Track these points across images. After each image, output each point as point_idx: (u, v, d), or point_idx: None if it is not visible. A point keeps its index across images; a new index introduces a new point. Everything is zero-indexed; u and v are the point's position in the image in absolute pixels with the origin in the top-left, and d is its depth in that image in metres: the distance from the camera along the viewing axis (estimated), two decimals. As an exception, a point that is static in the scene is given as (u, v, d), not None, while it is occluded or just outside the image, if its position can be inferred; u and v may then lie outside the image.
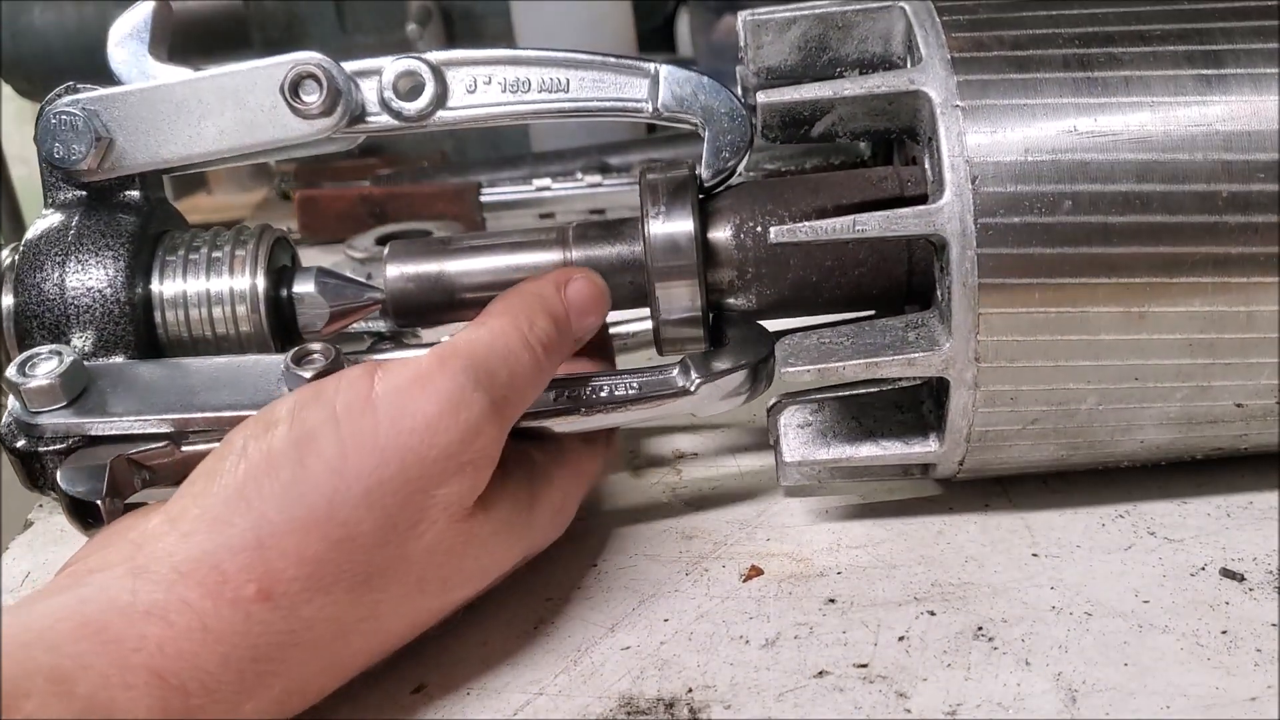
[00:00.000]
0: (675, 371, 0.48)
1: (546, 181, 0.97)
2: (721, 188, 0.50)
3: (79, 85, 0.48)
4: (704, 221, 0.48)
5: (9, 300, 0.48)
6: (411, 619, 0.41)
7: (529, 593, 0.47)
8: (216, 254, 0.49)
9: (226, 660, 0.35)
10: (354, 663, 0.40)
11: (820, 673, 0.40)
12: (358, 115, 0.49)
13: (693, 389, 0.47)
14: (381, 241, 0.94)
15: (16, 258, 0.48)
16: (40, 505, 0.61)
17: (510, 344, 0.43)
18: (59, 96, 0.48)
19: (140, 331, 0.48)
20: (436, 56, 0.48)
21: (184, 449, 0.45)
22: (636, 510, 0.53)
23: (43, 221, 0.49)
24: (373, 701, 0.41)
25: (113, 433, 0.44)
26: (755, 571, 0.47)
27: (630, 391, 0.47)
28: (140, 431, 0.44)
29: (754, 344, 0.48)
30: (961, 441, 0.45)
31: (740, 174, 0.51)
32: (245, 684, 0.35)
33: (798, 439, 0.49)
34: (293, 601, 0.36)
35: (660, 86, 0.49)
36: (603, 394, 0.47)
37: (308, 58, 0.47)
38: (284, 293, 0.50)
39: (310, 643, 0.37)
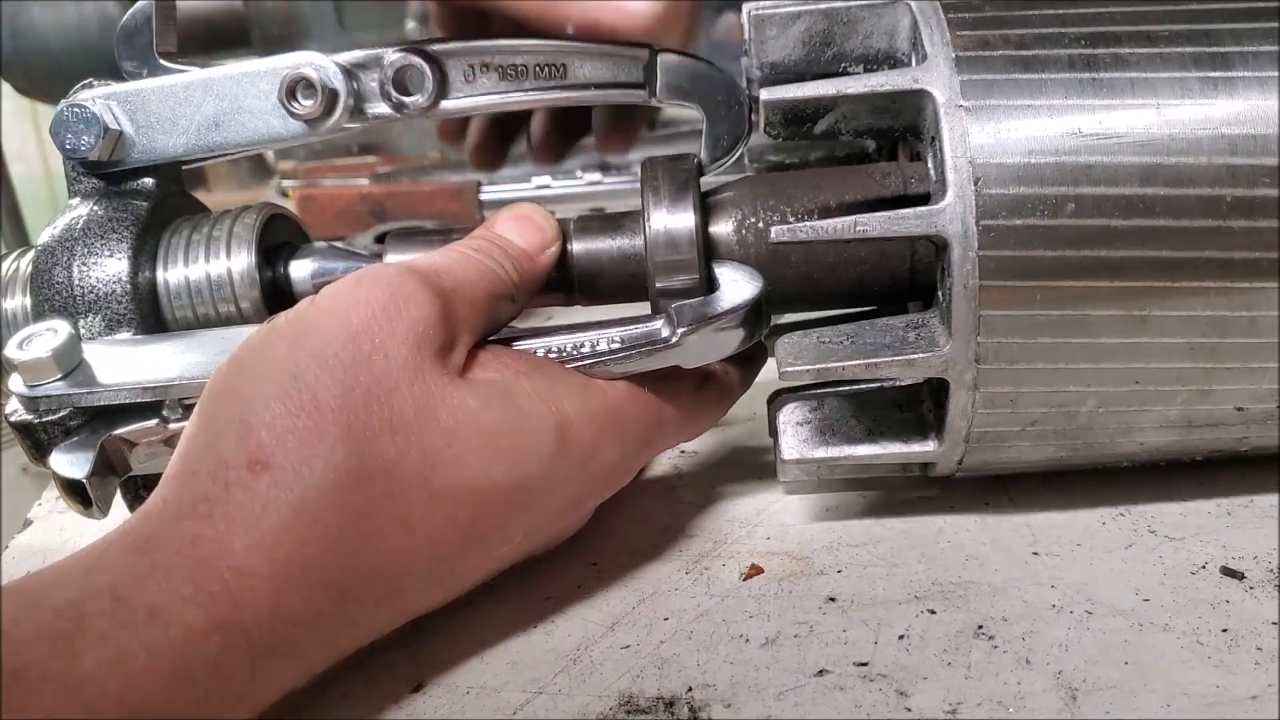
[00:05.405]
0: (659, 322, 0.46)
1: (546, 179, 0.97)
2: (724, 181, 0.50)
3: (95, 81, 0.50)
4: (705, 216, 0.48)
5: (12, 303, 0.50)
6: (435, 488, 0.40)
7: (528, 591, 0.47)
8: (216, 232, 0.50)
9: (252, 547, 0.35)
10: (391, 560, 0.39)
11: (820, 671, 0.40)
12: (358, 109, 0.49)
13: (675, 339, 0.45)
14: (381, 240, 0.93)
15: (21, 263, 0.50)
16: (40, 504, 0.61)
17: (454, 260, 0.45)
18: (77, 92, 0.49)
19: (147, 311, 0.49)
20: (434, 47, 0.49)
21: (171, 425, 0.45)
22: (637, 508, 0.53)
23: (62, 212, 0.51)
24: (372, 700, 0.41)
25: (101, 402, 0.45)
26: (755, 570, 0.47)
27: (613, 345, 0.46)
28: (129, 401, 0.45)
29: (743, 287, 0.47)
30: (960, 442, 0.45)
31: (744, 166, 0.50)
32: (278, 572, 0.35)
33: (796, 437, 0.49)
34: (292, 471, 0.37)
35: (657, 71, 0.49)
36: (584, 349, 0.46)
37: (301, 60, 0.48)
38: (280, 269, 0.51)
39: (324, 521, 0.37)
